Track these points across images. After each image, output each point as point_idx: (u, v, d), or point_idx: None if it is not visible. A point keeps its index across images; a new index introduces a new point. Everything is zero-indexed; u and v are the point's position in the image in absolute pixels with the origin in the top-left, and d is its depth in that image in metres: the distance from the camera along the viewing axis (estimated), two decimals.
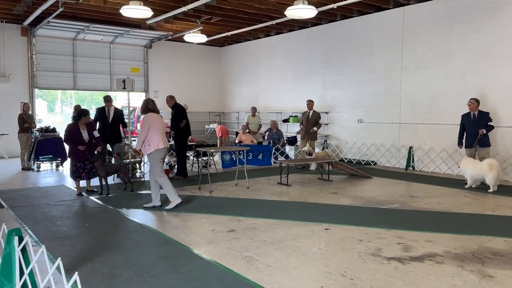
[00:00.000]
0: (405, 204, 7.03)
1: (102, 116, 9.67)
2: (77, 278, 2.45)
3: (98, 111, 9.88)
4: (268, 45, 15.70)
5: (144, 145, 6.58)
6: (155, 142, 6.55)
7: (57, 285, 3.07)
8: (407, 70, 11.13)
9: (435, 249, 4.67)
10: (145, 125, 6.61)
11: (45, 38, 14.04)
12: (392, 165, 11.54)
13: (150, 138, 6.53)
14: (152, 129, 6.55)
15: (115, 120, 9.69)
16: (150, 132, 6.54)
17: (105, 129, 9.48)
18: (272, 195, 7.76)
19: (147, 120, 6.65)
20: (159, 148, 6.57)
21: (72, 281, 2.45)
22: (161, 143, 6.60)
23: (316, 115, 11.38)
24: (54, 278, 2.97)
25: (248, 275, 3.91)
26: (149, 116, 6.69)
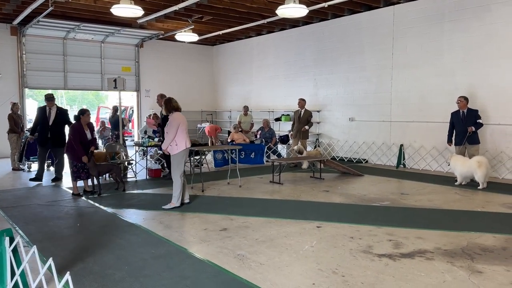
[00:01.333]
0: (396, 201, 7.10)
1: (42, 116, 8.98)
2: (68, 278, 2.45)
3: (39, 111, 9.23)
4: (260, 44, 15.72)
5: (171, 144, 6.53)
6: (182, 142, 6.53)
7: (48, 285, 3.07)
8: (397, 69, 11.22)
9: (425, 246, 4.72)
10: (174, 124, 6.51)
11: (35, 37, 13.92)
12: (383, 163, 11.63)
13: (177, 138, 6.49)
14: (180, 128, 6.52)
15: (57, 121, 8.91)
16: (178, 132, 6.49)
17: (45, 131, 8.90)
18: (265, 194, 7.79)
19: (175, 119, 6.55)
20: (186, 148, 6.58)
21: (64, 281, 2.46)
22: (188, 142, 6.62)
23: (307, 113, 11.43)
24: (45, 278, 2.97)
25: (241, 274, 3.93)
26: (177, 115, 6.62)
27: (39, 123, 8.99)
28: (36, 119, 9.12)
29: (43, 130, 8.86)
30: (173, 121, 6.55)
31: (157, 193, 7.94)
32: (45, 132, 8.84)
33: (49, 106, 8.94)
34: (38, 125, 9.03)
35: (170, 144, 6.54)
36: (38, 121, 9.01)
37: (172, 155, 6.63)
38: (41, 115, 8.98)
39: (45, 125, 8.84)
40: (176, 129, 6.50)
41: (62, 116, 9.03)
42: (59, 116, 8.94)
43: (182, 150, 6.56)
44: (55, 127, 8.87)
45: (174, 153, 6.58)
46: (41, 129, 8.90)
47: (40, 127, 8.93)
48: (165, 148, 6.66)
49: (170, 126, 6.55)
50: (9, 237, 3.06)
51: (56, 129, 8.89)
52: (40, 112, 9.08)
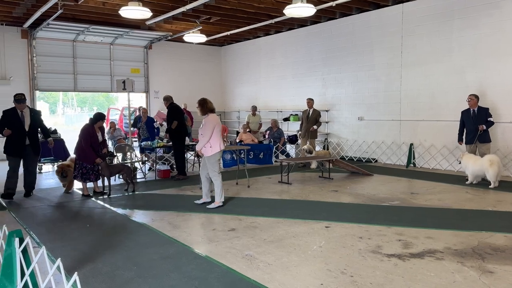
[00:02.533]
0: (406, 201, 7.03)
1: (14, 121, 7.33)
2: (77, 278, 2.46)
3: (6, 114, 7.44)
4: (268, 44, 15.71)
5: (205, 146, 6.55)
6: (217, 144, 6.56)
7: (58, 285, 3.09)
8: (407, 67, 11.13)
9: (435, 246, 4.67)
10: (210, 126, 6.51)
11: (45, 40, 14.08)
12: (393, 162, 11.54)
13: (212, 140, 6.51)
14: (215, 130, 6.54)
15: (34, 125, 7.59)
16: (213, 134, 6.51)
17: (21, 138, 7.37)
18: (273, 194, 7.78)
19: (211, 121, 6.56)
20: (220, 150, 6.62)
21: (72, 281, 2.47)
22: (222, 145, 6.65)
23: (316, 113, 11.39)
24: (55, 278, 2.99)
25: (249, 274, 3.93)
26: (212, 117, 6.64)
27: (11, 129, 7.30)
28: (2, 125, 7.33)
29: (19, 137, 7.33)
30: (209, 123, 6.54)
31: (166, 194, 7.97)
32: (22, 139, 7.36)
33: (20, 109, 7.41)
34: (12, 131, 7.32)
35: (205, 146, 6.56)
36: (6, 126, 7.30)
37: (207, 157, 6.65)
38: (11, 119, 7.35)
39: (20, 130, 7.34)
40: (212, 131, 6.52)
41: (37, 118, 7.73)
42: (34, 119, 7.59)
43: (216, 153, 6.59)
44: (33, 133, 7.56)
45: (208, 155, 6.61)
46: (16, 136, 7.31)
47: (14, 134, 7.30)
48: (199, 149, 6.67)
49: (206, 128, 6.54)
50: (19, 238, 3.09)
51: (34, 135, 7.60)
52: (9, 116, 7.38)
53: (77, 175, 7.61)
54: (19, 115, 7.40)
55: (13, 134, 7.28)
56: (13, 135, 7.30)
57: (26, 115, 7.46)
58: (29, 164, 7.59)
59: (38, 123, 7.71)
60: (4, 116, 7.44)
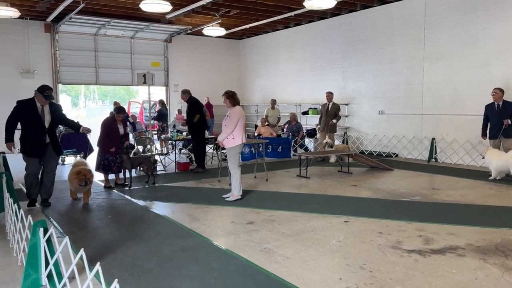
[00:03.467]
0: (427, 196, 6.93)
1: (31, 115, 6.11)
2: (99, 268, 2.51)
3: (23, 106, 6.14)
4: (287, 36, 15.61)
5: (228, 138, 6.59)
6: (239, 136, 6.59)
7: (80, 275, 3.16)
8: (429, 60, 10.91)
9: (457, 242, 4.60)
10: (235, 118, 6.54)
11: (68, 34, 14.32)
12: (414, 157, 11.37)
13: (235, 132, 6.55)
14: (239, 123, 6.57)
15: (54, 122, 6.42)
16: (237, 126, 6.55)
17: (40, 136, 6.19)
18: (291, 188, 7.77)
19: (236, 113, 6.59)
20: (242, 143, 6.65)
21: (95, 271, 2.52)
22: (244, 138, 6.69)
23: (335, 107, 11.28)
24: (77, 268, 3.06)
25: (267, 267, 3.94)
26: (238, 110, 6.68)
27: (27, 125, 6.19)
28: (15, 119, 6.18)
29: (37, 135, 6.18)
30: (235, 115, 6.57)
31: (185, 186, 8.04)
32: (40, 137, 6.19)
33: (42, 104, 6.18)
34: (25, 128, 6.22)
35: (227, 137, 6.59)
36: (21, 120, 6.19)
37: (228, 148, 6.69)
38: (28, 113, 6.12)
39: (39, 127, 6.17)
40: (236, 123, 6.54)
41: (58, 114, 6.54)
42: (54, 115, 6.37)
43: (237, 145, 6.62)
44: (53, 130, 6.47)
45: (229, 147, 6.65)
46: (34, 134, 6.17)
47: (32, 131, 6.17)
48: (221, 140, 6.70)
49: (231, 120, 6.56)
50: (43, 228, 3.17)
51: (54, 133, 6.55)
52: (26, 109, 6.12)
53: (99, 167, 7.76)
54: (39, 110, 6.13)
55: (30, 131, 6.14)
56: (31, 132, 6.14)
57: (46, 110, 6.21)
58: (48, 165, 6.42)
59: (59, 120, 6.59)
60: (19, 107, 6.11)
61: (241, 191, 6.77)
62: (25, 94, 13.50)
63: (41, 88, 6.11)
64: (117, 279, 2.28)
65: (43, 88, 6.10)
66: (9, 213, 4.65)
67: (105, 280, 2.41)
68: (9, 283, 3.61)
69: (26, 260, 3.22)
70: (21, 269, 3.42)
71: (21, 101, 6.20)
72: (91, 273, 2.57)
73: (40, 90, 6.09)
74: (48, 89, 6.17)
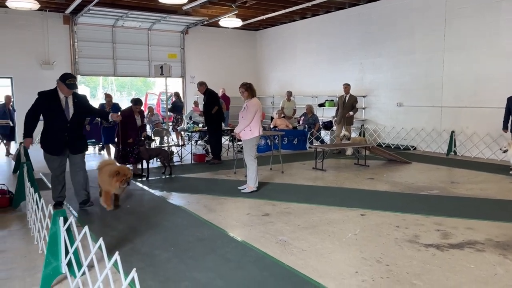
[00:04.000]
0: (446, 190, 6.83)
1: (54, 108, 5.37)
2: (117, 257, 2.55)
3: (45, 97, 5.44)
4: (304, 27, 15.46)
5: (245, 129, 6.60)
6: (256, 128, 6.60)
7: (99, 263, 3.22)
8: (450, 51, 10.68)
9: (475, 237, 4.52)
10: (252, 110, 6.54)
11: (86, 25, 14.45)
12: (433, 150, 11.20)
13: (252, 124, 6.56)
14: (256, 115, 6.59)
15: (78, 115, 5.56)
16: (254, 118, 6.56)
17: (63, 131, 5.43)
18: (307, 180, 7.74)
19: (254, 105, 6.59)
20: (259, 135, 6.66)
21: (113, 260, 2.56)
22: (261, 130, 6.70)
23: (352, 99, 11.16)
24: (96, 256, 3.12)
25: (282, 259, 3.94)
26: (256, 102, 6.68)
27: (48, 119, 5.48)
28: (36, 113, 5.45)
29: (60, 129, 5.44)
30: (252, 107, 6.56)
31: (201, 178, 8.09)
32: (63, 132, 5.44)
33: (66, 94, 5.42)
34: (47, 122, 5.50)
35: (244, 129, 6.60)
36: (44, 113, 5.46)
37: (244, 140, 6.71)
38: (51, 105, 5.38)
39: (62, 121, 5.41)
40: (254, 115, 6.54)
41: (83, 106, 5.68)
42: (79, 107, 5.56)
43: (255, 137, 6.62)
44: (77, 124, 5.61)
45: (246, 138, 6.66)
46: (56, 128, 5.44)
47: (53, 125, 5.45)
48: (238, 132, 6.70)
49: (248, 112, 6.56)
50: (63, 217, 3.22)
51: (79, 127, 5.71)
52: (48, 101, 5.41)
53: (117, 158, 7.86)
54: (62, 102, 5.40)
55: (51, 125, 5.44)
56: (52, 127, 5.43)
57: (70, 102, 5.47)
58: (74, 163, 5.68)
59: (85, 111, 5.75)
60: (41, 99, 5.45)
61: (257, 183, 6.78)
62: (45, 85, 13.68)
63: (63, 77, 5.41)
64: (135, 269, 2.31)
65: (66, 76, 5.40)
66: (30, 202, 4.76)
67: (123, 269, 2.44)
68: (30, 270, 3.70)
69: (47, 248, 3.29)
70: (42, 257, 3.50)
71: (43, 92, 5.57)
72: (109, 262, 2.61)
73: (62, 78, 5.38)
74: (71, 77, 5.46)
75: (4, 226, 5.02)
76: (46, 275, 3.29)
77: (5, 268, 3.77)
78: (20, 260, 3.95)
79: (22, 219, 5.29)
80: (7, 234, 4.73)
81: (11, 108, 11.56)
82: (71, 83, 5.40)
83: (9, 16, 13.15)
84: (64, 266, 3.28)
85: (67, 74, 5.50)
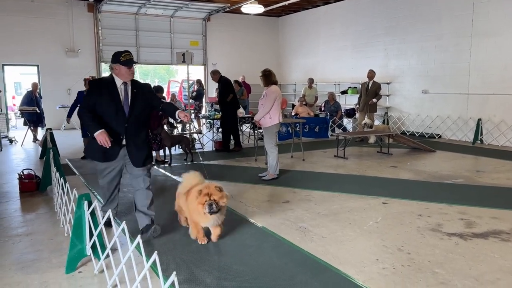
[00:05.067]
0: (471, 179, 6.68)
1: (109, 100, 3.94)
2: (140, 241, 2.60)
3: (99, 87, 4.03)
4: (327, 13, 15.21)
5: (265, 117, 6.60)
6: (276, 116, 6.57)
7: (123, 246, 3.29)
8: (478, 37, 10.34)
9: (500, 226, 4.42)
10: (272, 98, 6.51)
11: (110, 13, 14.61)
12: (458, 138, 10.95)
13: (272, 111, 6.54)
14: (276, 102, 6.57)
15: (138, 109, 4.06)
16: (274, 105, 6.54)
17: (119, 129, 4.00)
18: (328, 168, 7.69)
19: (273, 92, 6.55)
20: (279, 122, 6.65)
21: (135, 243, 2.62)
22: (281, 117, 6.69)
23: (376, 85, 10.96)
24: (120, 240, 3.19)
25: (302, 245, 3.95)
26: (275, 89, 6.64)
27: (105, 113, 3.99)
28: (89, 108, 3.95)
29: (115, 128, 4.01)
30: (271, 94, 6.52)
31: (222, 165, 8.14)
32: (117, 132, 4.02)
33: (123, 78, 4.01)
34: (103, 117, 3.98)
35: (264, 117, 6.59)
36: (99, 108, 3.96)
37: (265, 128, 6.70)
38: (105, 97, 3.97)
39: (118, 116, 4.01)
40: (273, 102, 6.50)
41: (145, 98, 4.14)
42: (138, 99, 4.08)
43: (274, 124, 6.61)
44: (137, 121, 4.09)
45: (266, 126, 6.65)
46: (111, 125, 3.99)
47: (107, 122, 3.98)
48: (258, 119, 6.68)
49: (268, 99, 6.52)
50: (88, 201, 3.31)
51: (138, 125, 4.13)
52: (102, 91, 4.00)
53: None
54: (120, 91, 4.03)
55: (104, 122, 3.96)
56: (105, 124, 3.94)
57: (128, 92, 4.05)
58: (136, 175, 4.19)
59: (146, 106, 4.15)
60: (95, 88, 4.08)
61: (278, 171, 6.78)
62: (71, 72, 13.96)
63: (115, 56, 4.00)
64: (156, 251, 2.36)
65: (118, 54, 4.01)
66: (56, 187, 4.89)
67: (145, 252, 2.49)
68: (56, 252, 3.82)
69: (72, 231, 3.38)
70: (67, 239, 3.60)
71: (95, 81, 4.57)
72: (132, 245, 2.67)
73: (115, 58, 3.99)
74: (125, 52, 4.05)
75: (32, 210, 5.18)
76: (71, 257, 3.39)
77: (33, 249, 3.90)
78: (47, 242, 4.08)
79: (49, 203, 5.45)
80: (35, 217, 4.89)
81: (38, 95, 11.85)
82: (127, 58, 3.98)
83: (35, 5, 13.40)
84: (88, 248, 3.38)
85: (119, 52, 4.04)
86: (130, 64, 4.01)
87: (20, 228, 4.51)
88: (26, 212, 5.11)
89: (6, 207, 5.31)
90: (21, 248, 3.94)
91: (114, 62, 4.00)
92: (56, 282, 3.26)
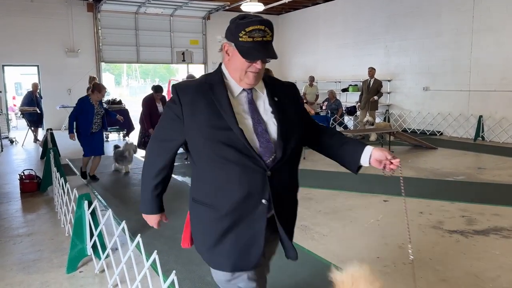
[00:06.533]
0: (472, 176, 6.66)
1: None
2: (140, 240, 2.60)
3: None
4: (328, 11, 15.18)
5: None
6: None
7: (123, 246, 3.29)
8: (479, 33, 10.30)
9: (502, 223, 4.41)
10: None
11: (109, 12, 14.59)
12: (460, 135, 10.92)
13: None
14: None
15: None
16: None
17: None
18: (329, 166, 7.66)
19: None
20: None
21: (135, 242, 2.61)
22: None
23: (377, 83, 10.94)
24: (120, 240, 3.19)
25: (303, 244, 3.94)
26: None
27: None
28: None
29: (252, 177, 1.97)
30: None
31: None
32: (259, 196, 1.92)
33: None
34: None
35: None
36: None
37: None
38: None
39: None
40: None
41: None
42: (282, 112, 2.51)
43: None
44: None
45: None
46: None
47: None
48: None
49: None
50: (88, 201, 3.31)
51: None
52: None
53: (140, 144, 7.99)
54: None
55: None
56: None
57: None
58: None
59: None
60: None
61: None
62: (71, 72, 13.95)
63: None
64: (156, 250, 2.35)
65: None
66: (57, 187, 4.89)
67: (145, 251, 2.49)
68: (57, 252, 3.82)
69: (73, 231, 3.39)
70: (68, 239, 3.61)
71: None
72: (132, 245, 2.67)
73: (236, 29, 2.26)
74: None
75: (33, 210, 5.19)
76: (72, 256, 3.40)
77: (34, 249, 3.91)
78: (48, 242, 4.08)
79: (49, 203, 5.45)
80: (36, 217, 4.89)
81: (38, 95, 11.85)
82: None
83: (34, 5, 13.39)
84: (89, 248, 3.38)
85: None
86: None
87: (21, 229, 4.52)
88: (27, 212, 5.12)
89: (7, 207, 5.32)
90: (22, 248, 3.95)
91: (230, 41, 2.04)
92: (57, 282, 3.27)
